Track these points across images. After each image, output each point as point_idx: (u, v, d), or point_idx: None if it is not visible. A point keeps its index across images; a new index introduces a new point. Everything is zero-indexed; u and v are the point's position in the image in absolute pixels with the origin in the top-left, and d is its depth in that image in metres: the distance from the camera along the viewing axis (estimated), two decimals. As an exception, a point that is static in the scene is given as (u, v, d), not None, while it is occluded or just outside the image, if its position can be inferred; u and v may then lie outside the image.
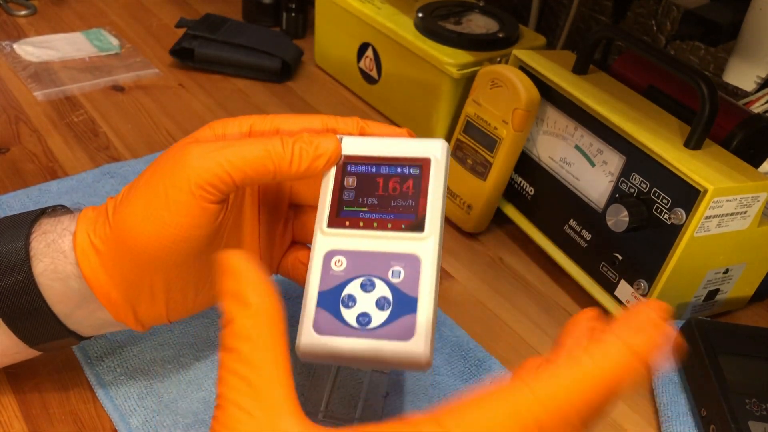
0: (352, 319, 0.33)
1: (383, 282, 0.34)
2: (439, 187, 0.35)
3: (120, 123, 0.70)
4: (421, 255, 0.34)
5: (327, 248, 0.35)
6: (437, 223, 0.35)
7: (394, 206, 0.35)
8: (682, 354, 0.48)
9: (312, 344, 0.33)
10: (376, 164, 0.36)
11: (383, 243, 0.35)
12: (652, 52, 0.52)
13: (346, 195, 0.36)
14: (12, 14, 0.88)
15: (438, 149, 0.36)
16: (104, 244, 0.35)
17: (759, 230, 0.50)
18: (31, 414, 0.42)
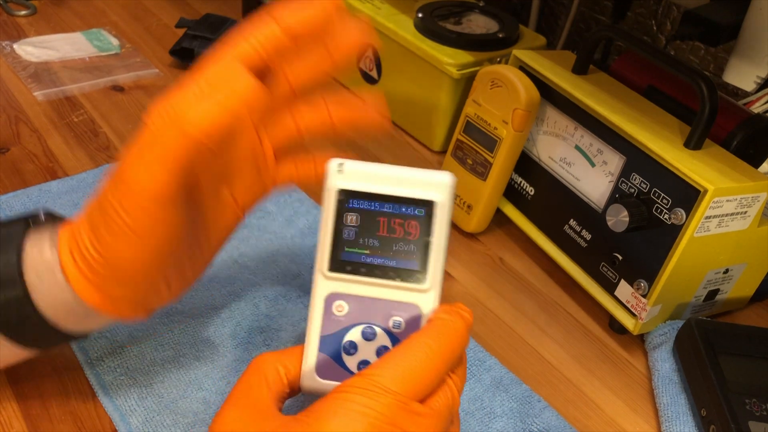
0: (353, 366, 0.35)
1: (384, 332, 0.35)
2: (443, 232, 0.34)
3: (120, 123, 0.70)
4: (422, 306, 0.35)
5: (328, 291, 0.35)
6: (439, 273, 0.34)
7: (396, 251, 0.34)
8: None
9: (315, 386, 0.35)
10: (379, 201, 0.35)
11: (385, 291, 0.35)
12: (652, 52, 0.52)
13: (346, 233, 0.35)
14: (12, 14, 0.88)
15: (444, 188, 0.35)
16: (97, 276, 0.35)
17: (759, 230, 0.50)
18: (31, 414, 0.42)
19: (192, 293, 0.51)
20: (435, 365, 0.32)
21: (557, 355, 0.51)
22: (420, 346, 0.32)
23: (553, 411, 0.46)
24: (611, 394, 0.49)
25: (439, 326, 0.33)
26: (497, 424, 0.45)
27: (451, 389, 0.33)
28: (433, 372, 0.32)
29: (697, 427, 0.45)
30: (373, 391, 0.30)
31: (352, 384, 0.31)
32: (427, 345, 0.32)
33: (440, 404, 0.32)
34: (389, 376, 0.31)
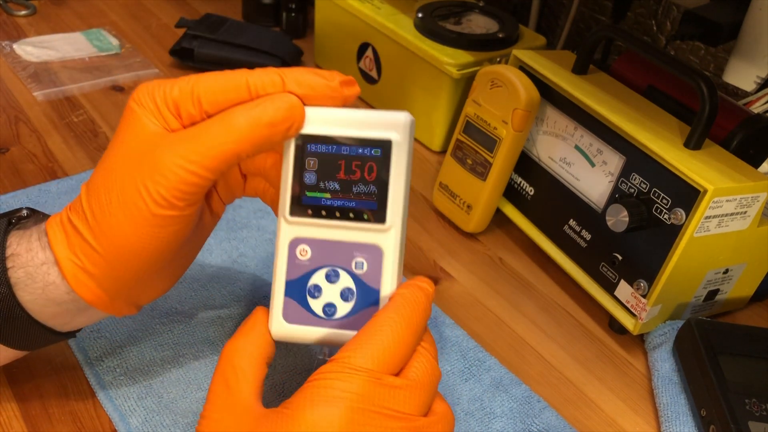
0: (318, 309, 0.35)
1: (347, 273, 0.35)
2: (401, 171, 0.35)
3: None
4: (383, 246, 0.35)
5: (291, 236, 0.36)
6: (399, 212, 0.35)
7: (356, 193, 0.35)
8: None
9: (282, 332, 0.36)
10: (337, 144, 0.35)
11: (346, 233, 0.35)
12: (652, 52, 0.52)
13: (307, 178, 0.35)
14: (12, 14, 0.88)
15: (400, 127, 0.34)
16: (95, 266, 0.35)
17: (759, 230, 0.50)
18: (31, 414, 0.42)
19: (192, 293, 0.51)
20: (402, 337, 0.32)
21: (557, 355, 0.51)
22: (385, 321, 0.33)
23: (553, 411, 0.46)
24: (611, 394, 0.49)
25: (400, 301, 0.34)
26: (497, 425, 0.45)
27: (426, 357, 0.34)
28: (402, 344, 0.32)
29: (696, 427, 0.45)
30: (346, 372, 0.31)
31: (326, 370, 0.31)
32: (391, 319, 0.33)
33: (418, 373, 0.33)
34: (360, 355, 0.31)
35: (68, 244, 0.35)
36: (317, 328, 0.35)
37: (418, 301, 0.34)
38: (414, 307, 0.34)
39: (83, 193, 0.35)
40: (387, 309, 0.33)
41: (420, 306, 0.34)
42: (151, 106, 0.34)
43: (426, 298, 0.34)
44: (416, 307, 0.34)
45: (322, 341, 0.36)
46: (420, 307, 0.34)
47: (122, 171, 0.34)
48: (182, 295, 0.50)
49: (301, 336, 0.36)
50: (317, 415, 0.30)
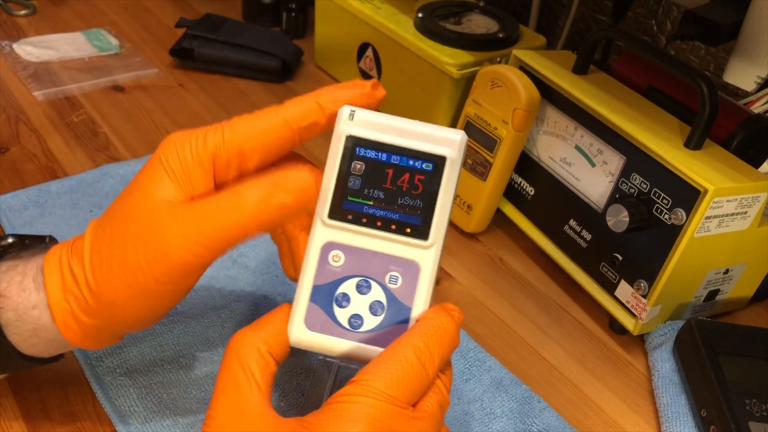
0: (344, 320, 0.34)
1: (379, 286, 0.34)
2: (451, 189, 0.33)
3: (120, 123, 0.70)
4: (421, 263, 0.34)
5: (325, 239, 0.34)
6: (442, 231, 0.33)
7: (401, 204, 0.33)
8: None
9: (302, 338, 0.34)
10: (387, 152, 0.33)
11: (385, 244, 0.34)
12: (652, 52, 0.52)
13: (351, 182, 0.33)
14: (12, 14, 0.88)
15: (456, 145, 0.33)
16: (88, 317, 0.34)
17: (759, 230, 0.50)
18: (31, 414, 0.42)
19: (192, 293, 0.51)
20: (426, 367, 0.31)
21: (557, 355, 0.51)
22: (410, 347, 0.31)
23: (553, 411, 0.46)
24: (611, 394, 0.49)
25: (428, 326, 0.32)
26: (497, 425, 0.45)
27: (441, 390, 0.33)
28: (424, 374, 0.31)
29: (697, 428, 0.45)
30: (369, 397, 0.30)
31: (347, 392, 0.30)
32: (417, 347, 0.31)
33: (432, 406, 0.32)
34: (382, 380, 0.30)
35: (63, 289, 0.34)
36: (340, 339, 0.34)
37: (446, 329, 0.33)
38: (442, 336, 0.32)
39: (88, 237, 0.34)
40: (414, 333, 0.32)
41: (448, 335, 0.33)
42: (176, 165, 0.33)
43: (455, 327, 0.33)
44: (444, 336, 0.32)
45: (342, 354, 0.34)
46: (448, 337, 0.33)
47: (127, 238, 0.33)
48: (182, 295, 0.50)
49: (321, 345, 0.34)
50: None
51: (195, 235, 0.32)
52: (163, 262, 0.32)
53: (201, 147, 0.34)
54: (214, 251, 0.33)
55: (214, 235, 0.32)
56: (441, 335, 0.32)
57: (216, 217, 0.32)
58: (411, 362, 0.31)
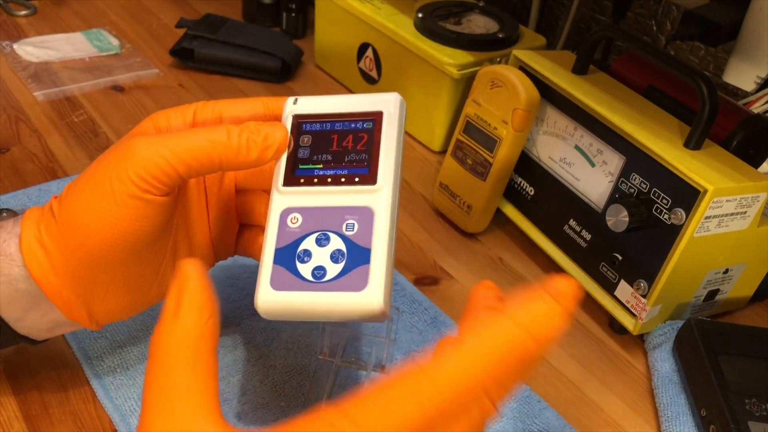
0: (307, 273, 0.34)
1: (337, 235, 0.35)
2: (393, 139, 0.36)
3: (120, 123, 0.70)
4: (374, 207, 0.35)
5: (283, 206, 0.36)
6: (390, 174, 0.35)
7: (348, 161, 0.36)
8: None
9: (269, 300, 0.34)
10: (330, 121, 0.36)
11: (337, 198, 0.35)
12: (652, 52, 0.52)
13: (301, 153, 0.36)
14: (12, 14, 0.88)
15: (391, 103, 0.36)
16: (52, 240, 0.35)
17: (759, 230, 0.50)
18: (31, 414, 0.42)
19: (192, 293, 0.51)
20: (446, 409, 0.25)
21: (557, 355, 0.51)
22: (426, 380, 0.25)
23: (553, 411, 0.46)
24: (611, 394, 0.49)
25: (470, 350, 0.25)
26: (497, 424, 0.45)
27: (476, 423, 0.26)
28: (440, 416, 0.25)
29: (697, 427, 0.45)
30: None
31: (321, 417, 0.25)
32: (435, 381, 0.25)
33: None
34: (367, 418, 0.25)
35: (38, 220, 0.35)
36: (305, 292, 0.34)
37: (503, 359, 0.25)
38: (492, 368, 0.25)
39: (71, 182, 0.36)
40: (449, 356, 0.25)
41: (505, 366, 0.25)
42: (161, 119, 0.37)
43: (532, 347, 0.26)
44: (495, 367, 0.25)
45: (310, 308, 0.34)
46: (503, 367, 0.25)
47: (101, 157, 0.35)
48: (182, 295, 0.50)
49: (289, 302, 0.34)
50: None
51: (164, 140, 0.34)
52: (128, 160, 0.33)
53: (185, 108, 0.38)
54: (181, 161, 0.33)
55: (182, 143, 0.34)
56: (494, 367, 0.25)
57: (190, 135, 0.34)
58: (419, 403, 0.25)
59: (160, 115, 0.37)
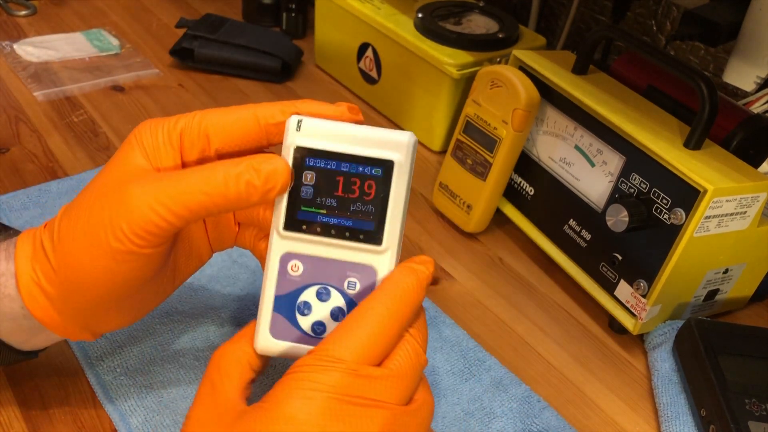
0: (307, 327, 0.35)
1: (338, 292, 0.35)
2: (401, 193, 0.34)
3: (120, 123, 0.70)
4: (377, 267, 0.34)
5: (283, 250, 0.35)
6: (396, 235, 0.34)
7: (353, 211, 0.34)
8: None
9: (268, 346, 0.35)
10: (336, 160, 0.34)
11: (340, 252, 0.34)
12: (652, 52, 0.52)
13: (303, 192, 0.34)
14: (12, 14, 0.88)
15: (404, 149, 0.33)
16: (50, 285, 0.34)
17: (759, 230, 0.50)
18: (31, 414, 0.42)
19: (192, 293, 0.51)
20: (386, 327, 0.32)
21: (557, 355, 0.51)
22: (368, 310, 0.32)
23: (553, 411, 0.46)
24: (611, 394, 0.49)
25: (388, 287, 0.33)
26: (497, 424, 0.45)
27: (411, 345, 0.33)
28: (385, 334, 0.32)
29: (696, 427, 0.45)
30: (323, 365, 0.30)
31: (304, 363, 0.31)
32: (375, 309, 0.32)
33: (400, 363, 0.32)
34: (339, 347, 0.31)
35: (32, 258, 0.34)
36: (305, 346, 0.35)
37: (407, 288, 0.33)
38: (402, 295, 0.33)
39: (60, 212, 0.35)
40: (373, 297, 0.33)
41: (409, 293, 0.33)
42: (148, 140, 0.35)
43: (418, 283, 0.33)
44: (405, 295, 0.33)
45: None
46: (409, 295, 0.33)
47: (95, 199, 0.34)
48: (182, 295, 0.50)
49: (288, 351, 0.35)
50: (295, 408, 0.30)
51: (160, 194, 0.32)
52: (124, 217, 0.32)
53: (171, 127, 0.35)
54: (177, 216, 0.32)
55: (179, 197, 0.32)
56: (402, 295, 0.33)
57: (184, 183, 0.32)
58: (369, 325, 0.31)
59: (145, 132, 0.35)
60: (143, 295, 0.37)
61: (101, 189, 0.34)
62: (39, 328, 0.36)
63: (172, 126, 0.35)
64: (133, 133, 0.35)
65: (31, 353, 0.39)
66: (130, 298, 0.36)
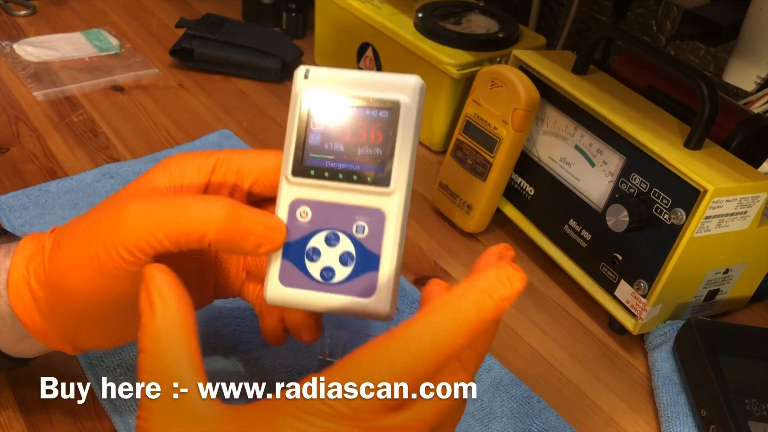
0: (316, 273, 0.34)
1: (347, 236, 0.34)
2: (409, 134, 0.34)
3: (120, 123, 0.70)
4: (386, 210, 0.34)
5: (292, 197, 0.35)
6: (404, 177, 0.34)
7: (361, 155, 0.34)
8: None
9: (277, 295, 0.34)
10: (344, 105, 0.34)
11: (348, 195, 0.34)
12: (652, 52, 0.52)
13: (312, 139, 0.34)
14: (12, 14, 0.88)
15: (410, 90, 0.33)
16: (39, 286, 0.34)
17: (759, 230, 0.50)
18: (31, 413, 0.42)
19: (192, 293, 0.51)
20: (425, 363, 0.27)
21: (557, 355, 0.51)
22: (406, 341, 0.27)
23: (553, 411, 0.46)
24: (611, 394, 0.49)
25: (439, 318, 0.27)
26: (497, 425, 0.45)
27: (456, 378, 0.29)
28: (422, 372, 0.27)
29: (697, 427, 0.45)
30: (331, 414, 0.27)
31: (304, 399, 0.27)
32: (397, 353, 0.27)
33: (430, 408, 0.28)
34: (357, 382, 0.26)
35: (28, 258, 0.34)
36: (314, 292, 0.34)
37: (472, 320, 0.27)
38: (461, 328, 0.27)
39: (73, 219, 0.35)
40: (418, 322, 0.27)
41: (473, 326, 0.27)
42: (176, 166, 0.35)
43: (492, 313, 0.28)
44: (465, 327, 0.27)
45: (317, 306, 0.34)
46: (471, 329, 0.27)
47: (97, 210, 0.34)
48: (182, 295, 0.50)
49: (297, 300, 0.34)
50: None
51: (156, 213, 0.32)
52: (116, 231, 0.32)
53: (204, 159, 0.35)
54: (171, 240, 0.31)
55: (176, 221, 0.32)
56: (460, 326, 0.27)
57: (184, 208, 0.32)
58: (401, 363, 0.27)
59: (175, 165, 0.35)
60: (128, 318, 0.36)
61: (107, 202, 0.34)
62: (23, 331, 0.36)
63: (205, 158, 0.35)
64: (166, 159, 0.36)
65: (20, 361, 0.38)
66: (114, 317, 0.35)
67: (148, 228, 0.31)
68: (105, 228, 0.32)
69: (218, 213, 0.32)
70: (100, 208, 0.34)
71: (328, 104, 0.34)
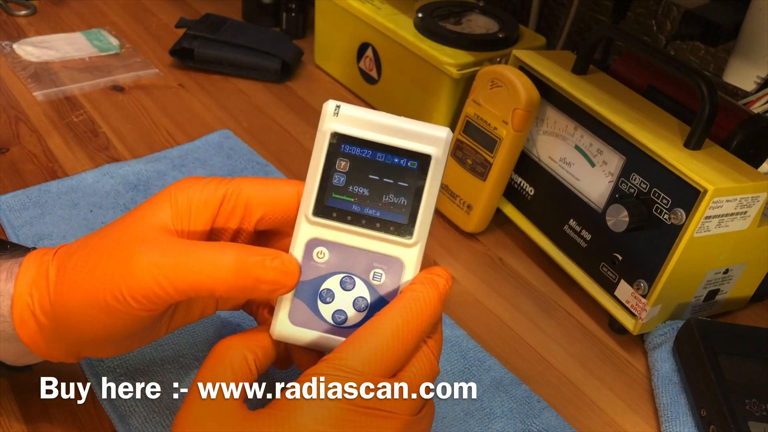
0: (327, 315, 0.34)
1: (363, 282, 0.34)
2: (435, 188, 0.34)
3: (120, 123, 0.70)
4: (405, 260, 0.34)
5: (310, 236, 0.34)
6: (426, 229, 0.34)
7: (386, 202, 0.33)
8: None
9: (285, 331, 0.34)
10: (372, 149, 0.33)
11: (369, 242, 0.34)
12: (652, 52, 0.52)
13: (336, 179, 0.33)
14: (12, 14, 0.88)
15: (442, 143, 0.33)
16: (45, 317, 0.34)
17: (759, 230, 0.50)
18: (31, 414, 0.42)
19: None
20: (402, 340, 0.31)
21: (557, 355, 0.51)
22: (387, 322, 0.32)
23: (553, 411, 0.46)
24: (611, 394, 0.49)
25: (407, 299, 0.33)
26: (497, 425, 0.45)
27: (427, 356, 0.33)
28: (401, 347, 0.31)
29: (696, 427, 0.45)
30: (338, 374, 0.30)
31: (316, 371, 0.30)
32: (393, 321, 0.32)
33: (414, 375, 0.32)
34: (355, 357, 0.31)
35: (32, 284, 0.34)
36: (322, 333, 0.34)
37: (427, 300, 0.33)
38: (422, 308, 0.32)
39: (75, 243, 0.35)
40: (392, 307, 0.32)
41: (428, 306, 0.33)
42: (184, 197, 0.34)
43: (437, 296, 0.33)
44: (424, 307, 0.32)
45: (324, 347, 0.34)
46: (428, 308, 0.33)
47: (105, 248, 0.33)
48: (182, 295, 0.50)
49: (306, 339, 0.34)
50: (307, 417, 0.29)
51: (164, 265, 0.32)
52: (125, 280, 0.32)
53: (212, 190, 0.35)
54: (179, 291, 0.32)
55: (184, 275, 0.32)
56: (421, 307, 0.32)
57: (193, 261, 0.32)
58: (385, 337, 0.31)
59: (182, 194, 0.35)
60: (133, 338, 0.37)
61: (115, 241, 0.33)
62: (27, 350, 0.36)
63: (213, 189, 0.35)
64: (173, 186, 0.35)
65: (24, 368, 0.39)
66: (121, 341, 0.36)
67: (157, 280, 0.32)
68: (113, 274, 0.32)
69: (228, 266, 0.32)
70: (109, 248, 0.33)
71: (357, 147, 0.33)
